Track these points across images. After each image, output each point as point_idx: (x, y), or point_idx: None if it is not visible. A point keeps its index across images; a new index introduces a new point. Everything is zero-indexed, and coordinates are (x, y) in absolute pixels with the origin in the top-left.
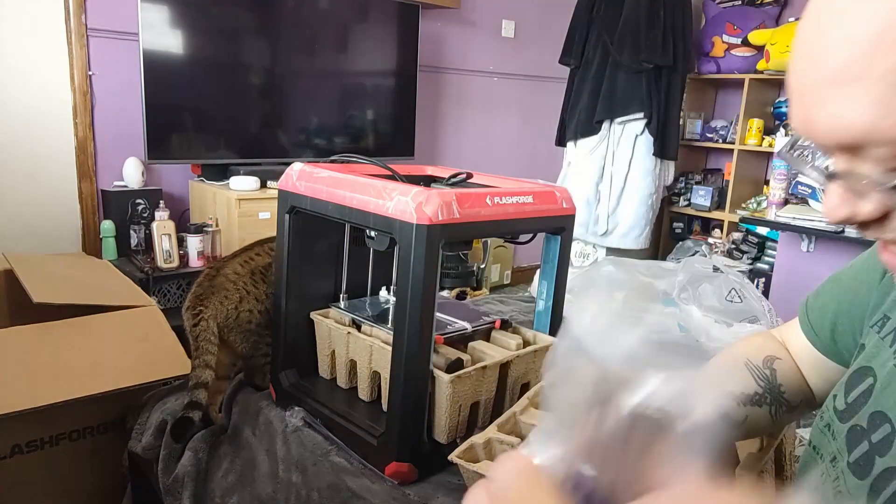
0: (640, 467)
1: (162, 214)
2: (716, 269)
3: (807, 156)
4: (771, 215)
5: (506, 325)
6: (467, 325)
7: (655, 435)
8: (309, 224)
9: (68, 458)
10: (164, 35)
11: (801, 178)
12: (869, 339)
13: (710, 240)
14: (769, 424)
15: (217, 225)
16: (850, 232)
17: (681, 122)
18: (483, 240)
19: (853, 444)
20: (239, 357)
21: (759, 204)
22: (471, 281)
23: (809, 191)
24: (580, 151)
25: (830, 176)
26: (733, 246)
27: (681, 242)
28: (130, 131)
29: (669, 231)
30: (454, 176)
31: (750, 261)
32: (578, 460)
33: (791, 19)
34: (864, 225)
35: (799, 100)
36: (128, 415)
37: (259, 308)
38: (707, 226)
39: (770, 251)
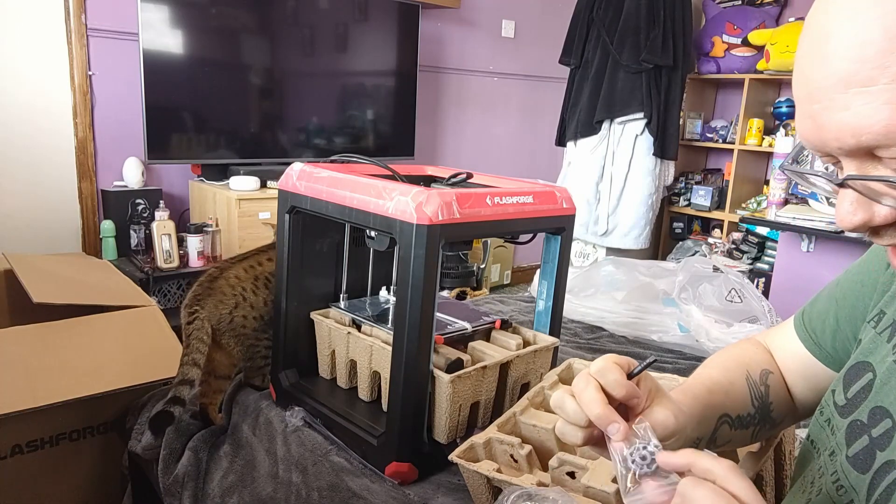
0: None
1: (162, 214)
2: (716, 269)
3: (812, 165)
4: (771, 215)
5: (506, 325)
6: (467, 325)
7: None
8: (309, 224)
9: (68, 458)
10: (164, 35)
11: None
12: (865, 334)
13: (710, 240)
14: (744, 442)
15: (217, 225)
16: (850, 232)
17: (681, 122)
18: (483, 240)
19: (853, 439)
20: (236, 359)
21: (759, 204)
22: (471, 281)
23: (809, 191)
24: (580, 151)
25: (843, 182)
26: (733, 246)
27: (681, 242)
28: (130, 131)
29: (669, 231)
30: (454, 176)
31: (750, 261)
32: None
33: (791, 19)
34: (876, 231)
35: (808, 105)
36: (128, 415)
37: (254, 314)
38: (707, 226)
39: (770, 251)
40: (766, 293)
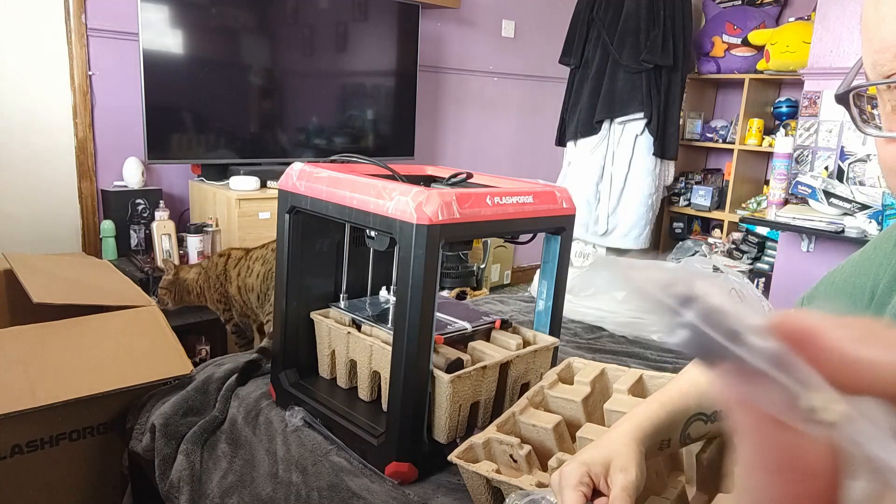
0: None
1: (162, 214)
2: (716, 269)
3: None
4: (771, 215)
5: (506, 325)
6: (467, 325)
7: None
8: (309, 224)
9: (68, 458)
10: (164, 35)
11: (800, 178)
12: None
13: (710, 240)
14: (719, 432)
15: (217, 225)
16: (850, 232)
17: (681, 122)
18: (483, 240)
19: None
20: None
21: (758, 204)
22: (471, 281)
23: (809, 191)
24: (580, 151)
25: None
26: (733, 246)
27: (681, 242)
28: (130, 131)
29: (669, 231)
30: (454, 176)
31: (750, 261)
32: None
33: (791, 19)
34: None
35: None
36: (128, 415)
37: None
38: (707, 226)
39: (770, 251)
40: (766, 293)
